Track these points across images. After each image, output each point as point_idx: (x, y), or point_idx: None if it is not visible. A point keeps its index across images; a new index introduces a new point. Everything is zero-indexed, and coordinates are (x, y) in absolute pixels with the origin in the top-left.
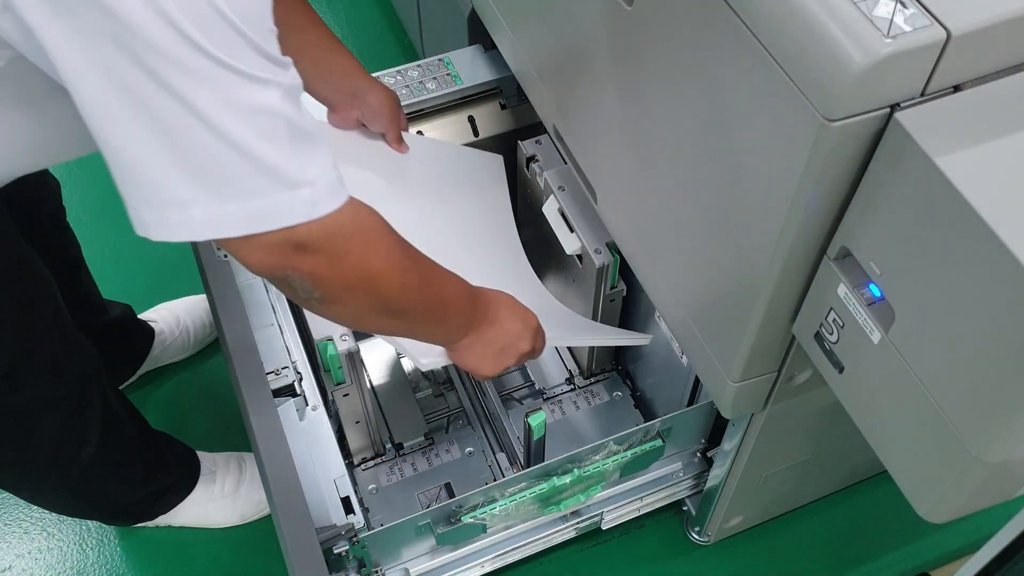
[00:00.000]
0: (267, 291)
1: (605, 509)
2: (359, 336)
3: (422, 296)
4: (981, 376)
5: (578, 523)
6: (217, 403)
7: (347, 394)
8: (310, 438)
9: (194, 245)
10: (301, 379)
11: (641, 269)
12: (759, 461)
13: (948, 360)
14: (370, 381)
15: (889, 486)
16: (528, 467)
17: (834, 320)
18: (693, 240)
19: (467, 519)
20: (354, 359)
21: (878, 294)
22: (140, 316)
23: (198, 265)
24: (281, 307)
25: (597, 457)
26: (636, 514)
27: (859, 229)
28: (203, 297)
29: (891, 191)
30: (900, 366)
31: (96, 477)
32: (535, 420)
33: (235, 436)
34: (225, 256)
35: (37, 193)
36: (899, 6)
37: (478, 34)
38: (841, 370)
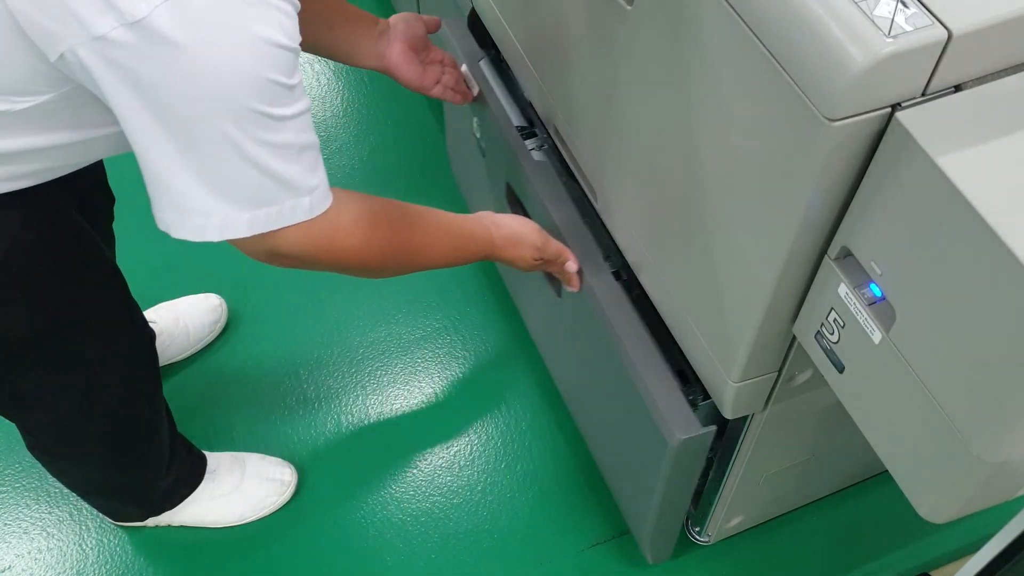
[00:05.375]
0: None
1: None
2: None
3: (427, 248)
4: (982, 376)
5: None
6: (217, 403)
7: None
8: None
9: None
10: None
11: (641, 268)
12: (759, 461)
13: (949, 360)
14: None
15: (889, 486)
16: None
17: (835, 320)
18: (693, 239)
19: None
20: None
21: (879, 294)
22: None
23: None
24: None
25: None
26: None
27: (860, 229)
28: (203, 297)
29: (892, 191)
30: (901, 366)
31: (137, 452)
32: None
33: (235, 436)
34: None
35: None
36: (900, 6)
37: (478, 34)
38: (841, 370)
